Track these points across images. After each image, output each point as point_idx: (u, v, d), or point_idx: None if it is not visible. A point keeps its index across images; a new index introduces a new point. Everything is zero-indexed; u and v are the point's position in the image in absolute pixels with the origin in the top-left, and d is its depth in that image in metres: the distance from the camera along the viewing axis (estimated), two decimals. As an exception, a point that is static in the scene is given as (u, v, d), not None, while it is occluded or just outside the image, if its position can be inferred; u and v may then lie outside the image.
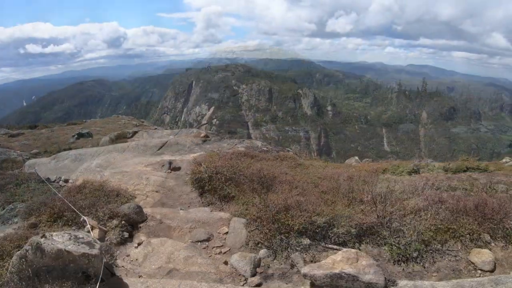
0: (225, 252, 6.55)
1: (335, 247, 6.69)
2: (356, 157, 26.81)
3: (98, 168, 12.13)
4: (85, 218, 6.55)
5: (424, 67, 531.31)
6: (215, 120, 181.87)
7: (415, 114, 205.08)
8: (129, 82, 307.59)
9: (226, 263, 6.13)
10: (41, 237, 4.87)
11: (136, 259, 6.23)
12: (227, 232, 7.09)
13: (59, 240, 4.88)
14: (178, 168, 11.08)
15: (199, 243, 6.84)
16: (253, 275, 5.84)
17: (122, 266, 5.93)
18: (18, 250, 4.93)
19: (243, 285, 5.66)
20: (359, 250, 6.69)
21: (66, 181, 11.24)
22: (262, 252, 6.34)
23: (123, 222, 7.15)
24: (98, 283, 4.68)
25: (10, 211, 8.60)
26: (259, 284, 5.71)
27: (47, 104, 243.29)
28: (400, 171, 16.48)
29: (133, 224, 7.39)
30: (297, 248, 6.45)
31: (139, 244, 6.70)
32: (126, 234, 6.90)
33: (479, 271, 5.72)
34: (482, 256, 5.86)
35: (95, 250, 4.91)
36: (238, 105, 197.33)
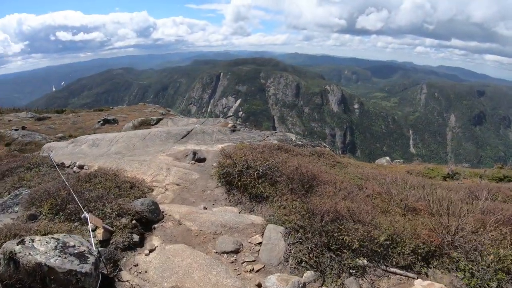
0: (258, 270, 5.12)
1: (398, 271, 5.18)
2: (387, 158, 24.91)
3: (115, 155, 11.00)
4: (87, 215, 5.26)
5: (454, 69, 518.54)
6: (241, 112, 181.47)
7: (443, 116, 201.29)
8: (157, 72, 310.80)
9: (259, 286, 4.69)
10: (18, 244, 3.60)
11: (146, 271, 4.89)
12: (260, 243, 5.65)
13: (41, 249, 3.58)
14: (203, 160, 9.76)
15: (225, 255, 5.44)
16: (297, 307, 4.40)
17: (127, 281, 4.60)
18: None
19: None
20: (427, 275, 5.20)
21: (80, 167, 10.27)
22: (308, 274, 4.88)
23: (134, 221, 5.84)
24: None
25: (14, 197, 7.62)
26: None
27: (76, 90, 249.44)
28: (434, 175, 15.33)
29: (146, 224, 6.07)
30: (351, 271, 4.97)
31: (150, 251, 5.36)
32: (136, 237, 5.57)
33: None
34: None
35: (87, 266, 3.60)
36: (264, 98, 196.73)
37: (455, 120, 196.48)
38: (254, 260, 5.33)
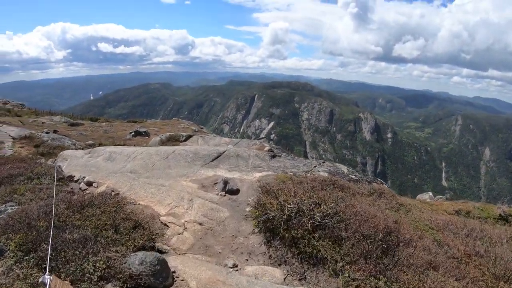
0: None
1: None
2: (430, 193, 24.06)
3: (130, 174, 9.07)
4: (48, 278, 3.19)
5: (491, 100, 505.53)
6: (273, 135, 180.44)
7: (478, 150, 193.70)
8: (193, 89, 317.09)
9: None
10: None
11: None
12: None
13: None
14: (236, 191, 7.57)
15: None
16: None
17: None
18: None
19: None
20: None
21: (89, 183, 8.93)
22: None
23: (125, 291, 3.69)
24: None
25: (-9, 217, 5.86)
26: None
27: (113, 100, 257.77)
28: (485, 216, 13.71)
29: (145, 294, 3.90)
30: None
31: None
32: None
33: None
34: None
35: None
36: (297, 123, 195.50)
37: (489, 154, 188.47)
38: None
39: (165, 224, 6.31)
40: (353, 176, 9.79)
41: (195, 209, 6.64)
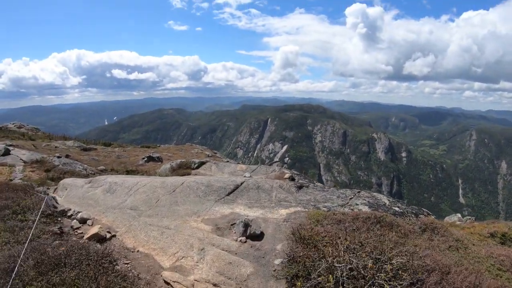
0: None
1: None
2: (459, 215, 22.32)
3: (130, 210, 7.63)
4: None
5: (504, 113, 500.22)
6: (287, 158, 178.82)
7: (494, 164, 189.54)
8: (206, 114, 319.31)
9: None
10: None
11: None
12: None
13: None
14: (260, 236, 5.94)
15: None
16: None
17: None
18: None
19: None
20: None
21: (83, 220, 7.77)
22: None
23: None
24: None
25: None
26: None
27: (127, 125, 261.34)
28: None
29: None
30: None
31: None
32: None
33: None
34: None
35: None
36: (311, 145, 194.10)
37: (506, 167, 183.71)
38: None
39: (169, 284, 4.77)
40: (397, 208, 8.07)
41: (207, 263, 5.08)
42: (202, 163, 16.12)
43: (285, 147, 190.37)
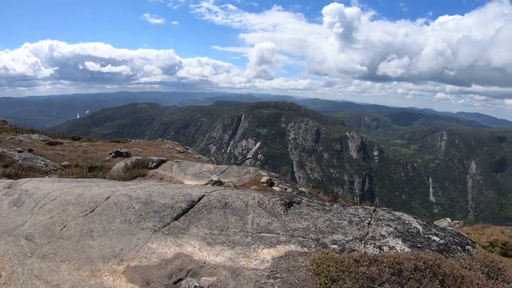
0: None
1: None
2: (448, 219, 21.44)
3: (25, 242, 4.90)
4: None
5: (475, 115, 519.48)
6: (260, 155, 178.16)
7: (464, 164, 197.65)
8: (180, 109, 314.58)
9: None
10: None
11: None
12: None
13: None
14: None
15: None
16: None
17: None
18: None
19: None
20: None
21: None
22: None
23: None
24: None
25: None
26: None
27: (99, 119, 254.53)
28: None
29: None
30: None
31: None
32: None
33: None
34: None
35: None
36: (284, 142, 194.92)
37: (475, 167, 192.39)
38: None
39: None
40: (436, 238, 5.13)
41: None
42: (161, 162, 13.42)
43: (258, 144, 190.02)
